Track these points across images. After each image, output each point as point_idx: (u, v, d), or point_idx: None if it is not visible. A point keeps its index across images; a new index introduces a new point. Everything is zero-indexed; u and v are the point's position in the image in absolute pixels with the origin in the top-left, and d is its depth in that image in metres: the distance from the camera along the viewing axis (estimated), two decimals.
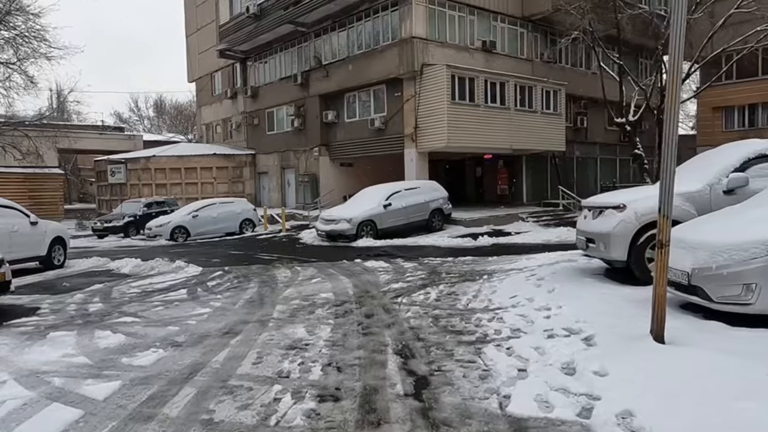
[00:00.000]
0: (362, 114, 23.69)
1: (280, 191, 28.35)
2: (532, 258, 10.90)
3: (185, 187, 29.04)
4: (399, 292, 8.22)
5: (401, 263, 11.58)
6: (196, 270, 11.37)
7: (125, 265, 12.29)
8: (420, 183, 18.67)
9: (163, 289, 9.18)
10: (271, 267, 11.69)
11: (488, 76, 21.00)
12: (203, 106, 36.13)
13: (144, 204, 23.19)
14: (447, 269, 10.45)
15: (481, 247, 14.38)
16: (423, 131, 20.69)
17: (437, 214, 18.03)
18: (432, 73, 20.15)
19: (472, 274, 9.72)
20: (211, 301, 7.98)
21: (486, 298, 7.42)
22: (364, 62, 22.53)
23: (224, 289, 9.06)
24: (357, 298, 7.82)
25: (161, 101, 62.93)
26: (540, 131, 22.64)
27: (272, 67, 28.31)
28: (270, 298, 8.09)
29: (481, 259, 11.86)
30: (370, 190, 18.05)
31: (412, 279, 9.37)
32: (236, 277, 10.39)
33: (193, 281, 9.94)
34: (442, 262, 11.61)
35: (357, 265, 11.43)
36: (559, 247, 13.48)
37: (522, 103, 22.11)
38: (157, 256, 14.33)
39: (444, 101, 19.72)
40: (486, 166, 26.30)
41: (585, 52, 26.66)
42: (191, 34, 35.64)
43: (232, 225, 20.80)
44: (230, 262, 12.85)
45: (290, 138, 27.13)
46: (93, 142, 38.99)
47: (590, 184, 27.52)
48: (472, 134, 20.33)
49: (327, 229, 16.43)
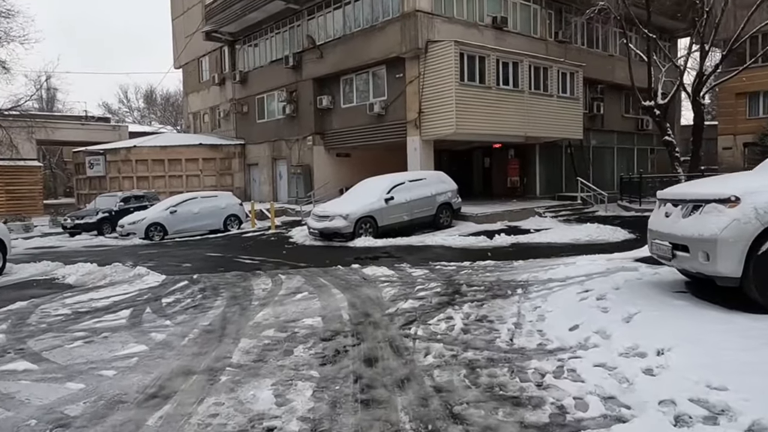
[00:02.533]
0: (360, 99, 21.51)
1: (272, 184, 26.18)
2: (570, 264, 8.79)
3: (169, 180, 26.86)
4: (410, 316, 6.11)
5: (408, 270, 9.47)
6: (156, 279, 9.25)
7: (74, 272, 10.17)
8: (426, 174, 16.52)
9: (101, 308, 7.06)
10: (249, 275, 9.57)
11: (500, 54, 18.83)
12: (190, 93, 33.89)
13: (120, 198, 20.99)
14: (467, 279, 8.34)
15: (499, 248, 12.27)
16: (428, 117, 18.54)
17: (445, 209, 15.90)
18: (438, 50, 17.98)
19: (500, 286, 7.62)
20: (154, 330, 5.86)
21: (534, 328, 5.33)
22: (361, 41, 20.33)
23: (181, 309, 6.94)
24: (354, 327, 5.72)
25: (151, 91, 60.56)
26: (556, 117, 20.51)
27: (262, 50, 26.08)
28: (236, 325, 5.97)
29: (504, 263, 9.76)
30: (370, 182, 15.92)
31: (425, 294, 7.25)
32: (203, 290, 8.27)
33: (146, 296, 7.81)
34: (457, 268, 9.50)
35: (354, 273, 9.31)
36: (592, 248, 11.43)
37: (537, 85, 19.97)
38: (120, 260, 12.21)
39: (452, 82, 17.55)
40: (495, 156, 24.18)
41: (602, 31, 24.54)
42: (177, 17, 33.35)
43: (215, 222, 18.65)
44: (202, 268, 10.73)
45: (282, 126, 24.95)
46: (75, 132, 36.78)
47: (607, 176, 25.42)
48: (483, 120, 18.18)
49: (320, 227, 14.30)
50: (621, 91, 26.06)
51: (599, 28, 24.40)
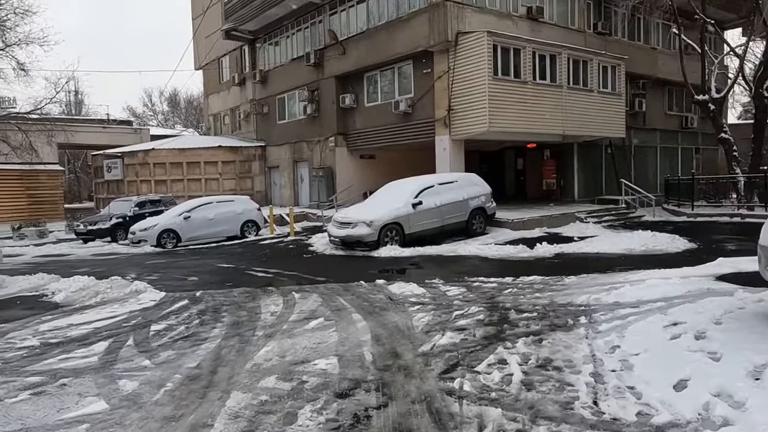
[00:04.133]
0: (385, 97, 20.23)
1: (293, 188, 25.06)
2: (637, 283, 7.36)
3: (188, 183, 25.95)
4: (451, 357, 4.79)
5: (441, 288, 8.14)
6: (153, 298, 8.09)
7: (67, 287, 9.09)
8: (457, 176, 15.14)
9: (76, 339, 5.89)
10: (259, 292, 8.35)
11: (537, 47, 17.35)
12: (211, 95, 33.05)
13: (135, 203, 20.06)
14: (513, 301, 6.98)
15: (543, 260, 10.86)
16: (458, 114, 17.16)
17: (478, 214, 14.51)
18: (469, 42, 16.59)
19: (557, 312, 6.24)
20: (127, 374, 4.65)
21: (622, 382, 3.96)
22: (386, 35, 19.06)
23: (169, 341, 5.73)
24: (379, 374, 4.43)
25: (175, 94, 60.27)
26: (596, 114, 18.93)
27: (283, 48, 25.01)
28: (230, 368, 4.73)
29: (553, 280, 8.36)
30: (396, 185, 14.61)
31: (466, 324, 5.91)
32: (202, 312, 7.07)
33: (135, 321, 6.64)
34: (499, 285, 8.13)
35: (379, 291, 8.02)
36: (651, 261, 9.95)
37: (576, 80, 18.42)
38: (123, 271, 11.18)
39: (484, 77, 16.14)
40: (529, 156, 22.67)
41: (645, 23, 22.90)
42: (197, 17, 32.53)
43: (231, 228, 17.54)
44: (209, 283, 9.56)
45: (303, 127, 23.81)
46: (96, 136, 36.21)
47: (649, 177, 23.67)
48: (518, 117, 16.73)
49: (341, 235, 13.04)
50: (664, 86, 24.33)
51: (641, 19, 22.78)
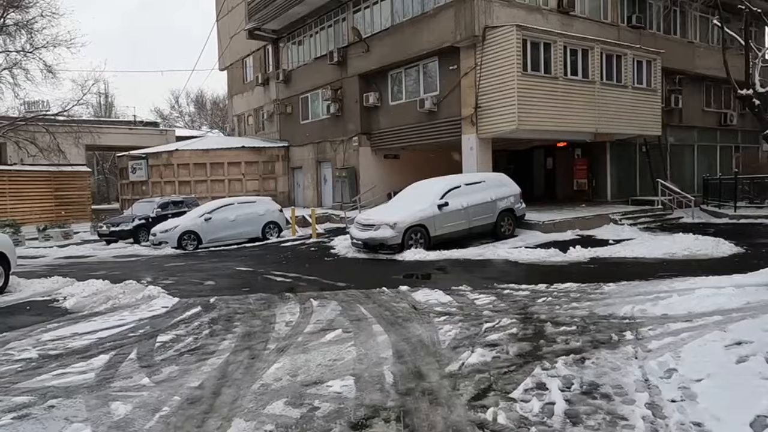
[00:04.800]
0: (410, 95, 19.69)
1: (316, 188, 24.69)
2: (686, 292, 6.70)
3: (211, 184, 25.78)
4: (482, 379, 4.24)
5: (469, 295, 7.57)
6: (166, 304, 7.71)
7: (79, 292, 8.79)
8: (485, 176, 14.53)
9: (77, 350, 5.51)
10: (276, 299, 7.90)
11: (568, 41, 16.61)
12: (235, 95, 32.94)
13: (158, 204, 19.88)
14: (548, 311, 6.39)
15: (578, 264, 10.21)
16: (486, 112, 16.52)
17: (507, 216, 13.87)
18: (497, 37, 15.95)
19: (598, 325, 5.64)
20: (122, 395, 4.22)
21: (685, 417, 3.37)
22: (411, 31, 18.53)
23: (174, 354, 5.30)
24: (400, 400, 3.91)
25: (201, 96, 60.66)
26: (631, 111, 18.09)
27: (306, 47, 24.66)
28: (235, 388, 4.26)
29: (591, 287, 7.73)
30: (421, 185, 14.07)
31: (497, 338, 5.36)
32: (213, 321, 6.64)
33: (142, 330, 6.24)
34: (532, 293, 7.54)
35: (402, 299, 7.50)
36: (695, 266, 9.26)
37: (609, 75, 17.62)
38: (140, 275, 10.88)
39: (513, 72, 15.49)
40: (559, 155, 21.88)
41: (681, 16, 21.93)
42: (222, 17, 32.47)
43: (253, 229, 17.20)
44: (225, 288, 9.16)
45: (326, 127, 23.43)
46: (123, 137, 36.53)
47: (686, 176, 22.64)
48: (548, 114, 16.03)
49: (364, 237, 12.55)
50: (701, 82, 23.29)
51: (678, 11, 21.82)
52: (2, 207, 28.23)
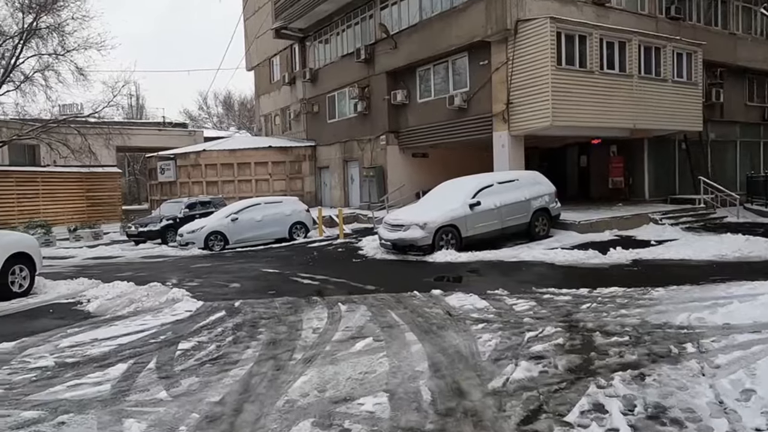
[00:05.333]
0: (438, 92, 19.22)
1: (343, 188, 24.39)
2: (747, 299, 6.14)
3: (238, 184, 25.71)
4: (531, 398, 3.81)
5: (507, 300, 7.12)
6: (189, 308, 7.45)
7: (104, 294, 8.62)
8: (518, 174, 14.00)
9: (95, 358, 5.25)
10: (303, 303, 7.57)
11: (604, 33, 15.95)
12: (262, 95, 32.88)
13: (185, 204, 19.82)
14: (595, 319, 5.90)
15: (620, 267, 9.65)
16: (518, 108, 15.97)
17: (542, 215, 13.33)
18: (530, 30, 15.39)
19: (653, 335, 5.15)
20: (137, 410, 3.91)
21: None
22: (440, 26, 18.06)
23: (195, 364, 4.99)
24: (440, 423, 3.51)
25: (229, 97, 61.12)
26: (670, 106, 17.30)
27: (333, 45, 24.38)
28: (258, 405, 3.92)
29: (638, 292, 7.20)
30: (451, 184, 13.61)
31: (542, 350, 4.90)
32: (237, 327, 6.33)
33: (163, 337, 5.96)
34: (575, 298, 7.05)
35: (435, 303, 7.08)
36: (749, 269, 8.59)
37: (648, 68, 16.88)
38: (165, 276, 10.70)
39: (547, 66, 14.91)
40: (593, 153, 21.14)
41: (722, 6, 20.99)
42: (249, 18, 32.47)
43: (280, 230, 16.96)
44: (250, 291, 8.88)
45: (353, 125, 23.11)
46: (152, 138, 36.87)
47: (727, 174, 21.63)
48: (583, 110, 15.40)
49: (393, 238, 12.15)
50: (744, 75, 22.27)
51: (719, 2, 20.89)
52: (36, 207, 28.68)
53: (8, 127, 25.70)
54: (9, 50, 24.62)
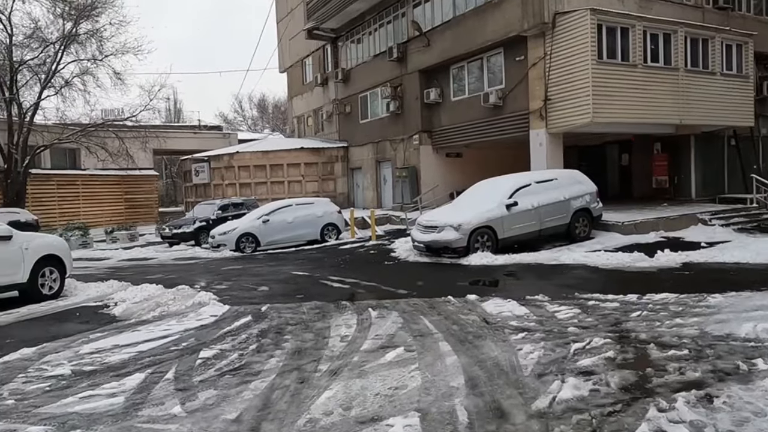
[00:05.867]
0: (473, 89, 18.72)
1: (375, 189, 24.08)
2: None
3: (271, 186, 25.68)
4: (582, 423, 3.37)
5: (548, 307, 6.65)
6: (215, 312, 7.21)
7: (131, 297, 8.47)
8: (557, 173, 13.42)
9: (113, 366, 5.02)
10: (332, 308, 7.25)
11: (647, 25, 15.20)
12: (294, 97, 32.87)
13: (219, 206, 19.81)
14: (647, 330, 5.39)
15: (669, 271, 9.02)
16: (556, 105, 15.36)
17: (583, 216, 12.71)
18: (569, 23, 14.78)
19: (715, 349, 4.62)
20: (149, 427, 3.61)
21: None
22: (474, 22, 17.57)
23: (215, 374, 4.70)
24: None
25: (264, 100, 61.64)
26: (719, 100, 16.41)
27: (365, 45, 24.11)
28: (277, 426, 3.58)
29: (693, 299, 6.63)
30: (487, 184, 13.12)
31: (591, 364, 4.44)
32: (263, 333, 6.04)
33: (185, 344, 5.72)
34: (623, 305, 6.53)
35: (471, 310, 6.66)
36: None
37: (695, 61, 16.06)
38: (195, 279, 10.56)
39: (587, 61, 14.27)
40: (635, 150, 20.26)
41: None
42: (282, 19, 32.52)
43: (311, 231, 16.73)
44: (279, 295, 8.61)
45: (386, 125, 22.78)
46: (188, 141, 37.29)
47: None
48: (626, 105, 14.71)
49: (426, 240, 11.74)
50: None
51: None
52: (76, 210, 29.31)
53: (49, 131, 26.26)
54: (50, 56, 25.16)
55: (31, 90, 26.09)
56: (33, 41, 25.07)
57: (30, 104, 24.99)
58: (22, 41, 24.85)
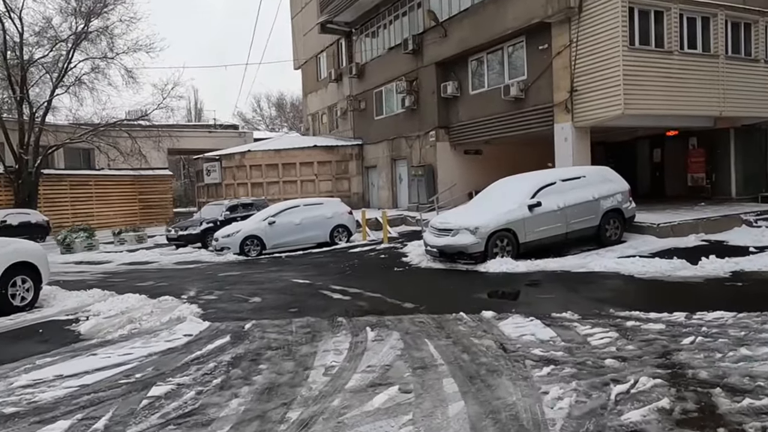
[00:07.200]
0: (492, 82, 17.56)
1: (391, 188, 23.05)
2: None
3: (283, 185, 24.84)
4: None
5: (578, 328, 5.56)
6: (191, 330, 6.28)
7: (106, 310, 7.59)
8: (585, 170, 12.22)
9: (41, 407, 4.08)
10: (325, 326, 6.26)
11: (684, 8, 13.92)
12: (309, 94, 31.99)
13: (227, 207, 18.98)
14: (709, 364, 4.27)
15: (718, 281, 7.82)
16: (583, 96, 14.16)
17: (614, 217, 11.49)
18: (597, 7, 13.56)
19: None
20: None
21: None
22: (493, 9, 16.42)
23: (158, 422, 3.73)
24: None
25: (282, 98, 61.06)
26: (763, 90, 15.06)
27: (380, 38, 23.09)
28: None
29: (755, 319, 5.50)
30: (507, 183, 12.00)
31: (640, 419, 3.36)
32: (234, 362, 5.06)
33: (141, 374, 4.77)
34: (669, 327, 5.41)
35: (486, 332, 5.60)
36: None
37: (736, 48, 14.74)
38: (186, 286, 9.69)
39: (618, 47, 13.05)
40: (668, 146, 18.92)
41: None
42: (296, 15, 31.69)
43: (320, 233, 15.78)
44: (269, 308, 7.65)
45: (401, 121, 21.73)
46: (203, 141, 36.78)
47: None
48: (660, 96, 13.45)
49: (440, 244, 10.67)
50: None
51: None
52: (89, 210, 28.89)
53: (61, 131, 25.85)
54: (62, 54, 24.71)
55: (43, 89, 25.74)
56: (44, 39, 24.69)
57: (41, 103, 24.61)
58: (34, 39, 24.47)
